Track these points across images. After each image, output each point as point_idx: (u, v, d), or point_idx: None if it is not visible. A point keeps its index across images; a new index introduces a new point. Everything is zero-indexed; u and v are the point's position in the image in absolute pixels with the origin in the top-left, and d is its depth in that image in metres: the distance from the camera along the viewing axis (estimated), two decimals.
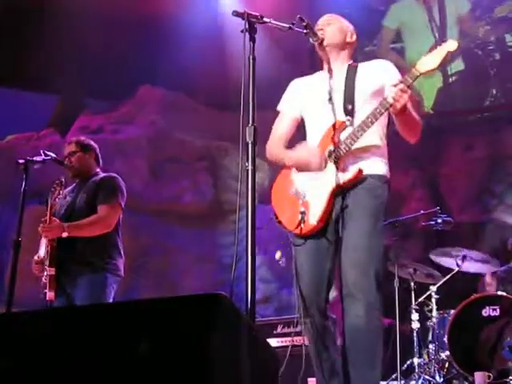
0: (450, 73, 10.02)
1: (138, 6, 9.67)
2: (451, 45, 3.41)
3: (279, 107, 3.94)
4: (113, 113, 10.36)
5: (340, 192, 3.54)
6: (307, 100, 3.83)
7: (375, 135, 3.61)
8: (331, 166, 3.55)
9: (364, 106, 3.58)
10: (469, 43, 9.96)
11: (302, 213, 3.55)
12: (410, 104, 3.50)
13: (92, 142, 5.19)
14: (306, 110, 3.84)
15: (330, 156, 3.56)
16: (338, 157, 3.53)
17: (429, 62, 3.40)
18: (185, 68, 10.01)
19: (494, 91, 9.81)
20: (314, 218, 3.54)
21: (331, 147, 3.57)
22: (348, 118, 3.59)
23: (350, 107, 3.62)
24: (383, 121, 3.62)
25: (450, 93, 10.13)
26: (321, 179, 3.56)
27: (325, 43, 3.74)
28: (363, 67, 3.77)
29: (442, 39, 9.95)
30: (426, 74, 3.45)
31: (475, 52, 9.95)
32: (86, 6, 9.41)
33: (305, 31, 3.60)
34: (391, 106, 3.38)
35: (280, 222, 3.70)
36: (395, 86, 3.38)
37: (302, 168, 3.65)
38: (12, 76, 9.71)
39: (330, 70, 3.77)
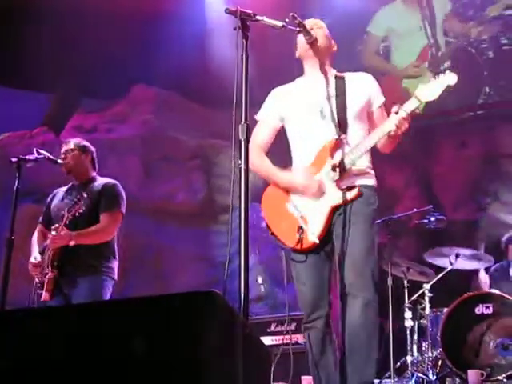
0: (441, 69, 10.03)
1: (132, 5, 9.66)
2: (451, 78, 3.54)
3: (258, 116, 3.93)
4: (106, 112, 10.35)
5: (338, 208, 3.62)
6: (290, 108, 3.84)
7: (368, 152, 3.71)
8: (330, 184, 3.60)
9: (354, 122, 3.68)
10: (462, 41, 9.98)
11: (300, 228, 3.58)
12: None
13: (90, 145, 5.24)
14: (289, 119, 3.85)
15: (327, 175, 3.61)
16: (338, 175, 3.58)
17: (428, 92, 3.55)
18: (178, 67, 10.00)
19: (488, 89, 9.82)
20: (313, 235, 3.60)
21: (329, 167, 3.60)
22: (343, 136, 3.63)
23: (343, 125, 3.67)
24: None
25: (443, 91, 10.13)
26: (321, 197, 3.62)
27: (318, 43, 3.75)
28: (350, 80, 3.81)
29: (434, 39, 9.99)
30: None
31: (469, 50, 9.96)
32: (80, 5, 9.41)
33: (298, 29, 3.61)
34: (392, 131, 3.49)
35: (273, 235, 3.72)
36: (397, 113, 3.47)
37: (294, 191, 3.69)
38: (5, 74, 9.69)
39: (320, 73, 3.81)
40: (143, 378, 1.87)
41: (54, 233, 4.73)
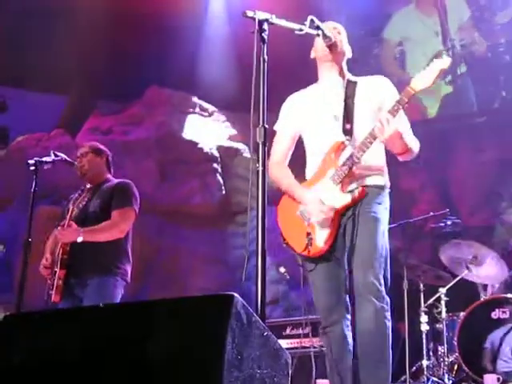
0: (458, 74, 9.99)
1: (147, 6, 9.68)
2: (444, 62, 3.42)
3: (276, 127, 3.91)
4: (122, 114, 10.38)
5: (345, 210, 3.59)
6: (306, 117, 3.83)
7: (375, 152, 3.64)
8: (335, 187, 3.58)
9: (363, 125, 3.60)
10: (478, 46, 9.94)
11: (308, 234, 3.58)
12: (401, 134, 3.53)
13: (105, 149, 5.21)
14: (305, 127, 3.85)
15: (331, 178, 3.59)
16: (341, 178, 3.56)
17: (423, 80, 3.42)
18: (193, 69, 10.03)
19: (504, 93, 9.79)
20: (321, 240, 3.58)
21: (333, 169, 3.60)
22: (347, 137, 3.62)
23: (348, 127, 3.65)
24: None
25: (458, 96, 10.10)
26: (326, 201, 3.58)
27: (336, 48, 3.73)
28: (362, 83, 3.78)
29: (450, 44, 9.96)
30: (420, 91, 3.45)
31: (485, 55, 9.92)
32: (96, 7, 9.44)
33: (316, 32, 3.60)
34: (375, 133, 3.43)
35: (287, 244, 3.72)
36: (379, 120, 3.40)
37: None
38: (22, 77, 9.74)
39: (335, 77, 3.79)
40: (160, 378, 1.87)
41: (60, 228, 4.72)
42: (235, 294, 1.90)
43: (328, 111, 3.73)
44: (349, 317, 3.63)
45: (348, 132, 3.64)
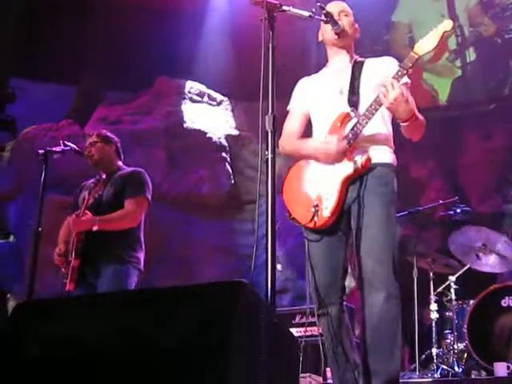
0: (468, 61, 9.96)
1: None
2: (447, 24, 3.40)
3: (289, 107, 3.95)
4: (131, 104, 10.38)
5: (351, 182, 3.56)
6: (315, 97, 3.84)
7: (380, 123, 3.62)
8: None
9: (368, 98, 3.56)
10: (487, 31, 9.89)
11: (315, 206, 3.56)
12: (413, 105, 3.48)
13: (113, 136, 5.23)
14: (314, 107, 3.85)
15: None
16: (346, 146, 3.53)
17: (426, 43, 3.40)
18: (202, 58, 10.03)
19: None
20: (327, 210, 3.55)
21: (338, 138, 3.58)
22: (352, 108, 3.60)
23: (354, 98, 3.64)
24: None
25: (468, 82, 10.07)
26: (331, 171, 3.58)
27: (345, 33, 3.73)
28: (369, 62, 3.79)
29: (459, 29, 9.92)
30: (424, 56, 3.43)
31: (494, 40, 9.88)
32: None
33: (325, 19, 3.60)
34: (380, 98, 3.40)
35: (293, 218, 3.70)
36: (384, 84, 3.38)
37: (319, 158, 3.65)
38: (30, 67, 9.76)
39: (343, 60, 3.80)
40: (171, 366, 1.88)
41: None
42: (244, 281, 1.91)
43: (334, 87, 3.73)
44: (345, 298, 3.63)
45: (354, 104, 3.63)
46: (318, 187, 3.61)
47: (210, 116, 10.39)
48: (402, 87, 3.38)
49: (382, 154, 3.63)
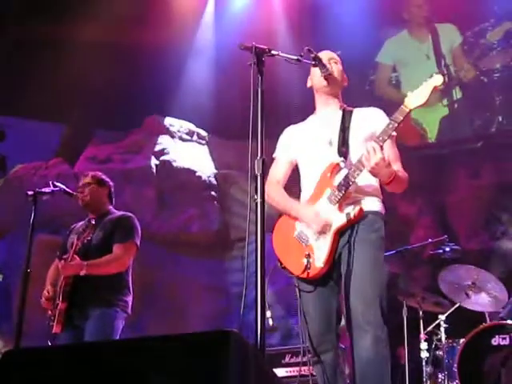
0: (454, 99, 10.07)
1: (145, 36, 9.77)
2: (437, 79, 3.47)
3: (275, 154, 3.99)
4: (121, 143, 10.41)
5: (342, 232, 3.59)
6: (303, 146, 3.88)
7: (369, 175, 3.62)
8: (332, 207, 3.59)
9: (358, 150, 3.62)
10: (473, 71, 10.02)
11: (307, 256, 3.58)
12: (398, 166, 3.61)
13: (108, 180, 5.24)
14: (302, 156, 3.89)
15: (329, 199, 3.60)
16: (338, 198, 3.56)
17: (417, 97, 3.46)
18: (191, 98, 10.09)
19: (500, 118, 9.83)
20: (319, 260, 3.58)
21: (329, 190, 3.61)
22: (342, 159, 3.63)
23: (344, 150, 3.68)
24: None
25: (455, 120, 10.17)
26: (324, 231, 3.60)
27: (333, 77, 3.77)
28: (357, 113, 3.83)
29: (445, 68, 10.05)
30: (415, 109, 3.49)
31: (481, 79, 10.00)
32: (94, 36, 9.52)
33: (313, 63, 3.64)
34: (363, 161, 3.45)
35: (285, 268, 3.71)
36: (366, 148, 3.43)
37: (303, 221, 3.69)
38: (20, 105, 9.78)
39: (331, 107, 3.84)
40: None
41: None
42: (234, 330, 1.90)
43: (323, 137, 3.77)
44: (339, 345, 3.63)
45: (343, 154, 3.67)
46: (309, 236, 3.63)
47: (198, 155, 10.43)
48: (383, 152, 3.43)
49: (372, 203, 3.68)
